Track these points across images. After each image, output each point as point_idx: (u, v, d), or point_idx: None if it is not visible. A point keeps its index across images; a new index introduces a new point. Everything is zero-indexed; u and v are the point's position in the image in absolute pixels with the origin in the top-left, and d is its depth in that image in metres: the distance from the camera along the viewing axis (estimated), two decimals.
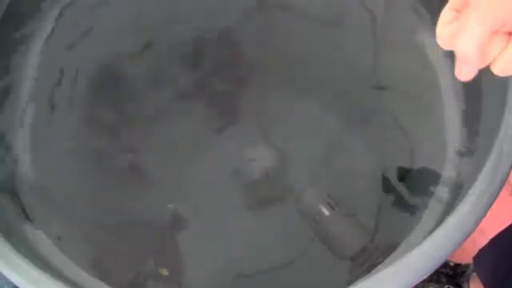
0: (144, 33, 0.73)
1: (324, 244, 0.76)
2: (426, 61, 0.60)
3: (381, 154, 0.76)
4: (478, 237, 0.80)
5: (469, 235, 0.38)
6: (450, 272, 0.91)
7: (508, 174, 0.40)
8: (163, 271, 0.73)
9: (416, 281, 0.37)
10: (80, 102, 0.70)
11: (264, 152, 0.84)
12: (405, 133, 0.68)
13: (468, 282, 0.89)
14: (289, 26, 0.75)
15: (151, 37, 0.74)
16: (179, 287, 0.74)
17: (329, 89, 0.80)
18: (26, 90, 0.60)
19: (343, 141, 0.82)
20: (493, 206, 0.39)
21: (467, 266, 0.89)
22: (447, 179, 0.54)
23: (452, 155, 0.55)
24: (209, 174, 0.82)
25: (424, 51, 0.60)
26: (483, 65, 0.32)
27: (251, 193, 0.82)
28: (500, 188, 0.39)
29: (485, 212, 0.39)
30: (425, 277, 0.37)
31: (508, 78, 0.43)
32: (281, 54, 0.79)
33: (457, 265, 0.90)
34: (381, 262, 0.47)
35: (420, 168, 0.63)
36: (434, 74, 0.59)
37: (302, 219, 0.79)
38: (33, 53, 0.60)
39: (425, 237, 0.40)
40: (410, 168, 0.65)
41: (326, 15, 0.71)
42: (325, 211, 0.77)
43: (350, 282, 0.38)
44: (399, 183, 0.69)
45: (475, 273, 0.78)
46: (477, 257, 0.73)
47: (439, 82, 0.58)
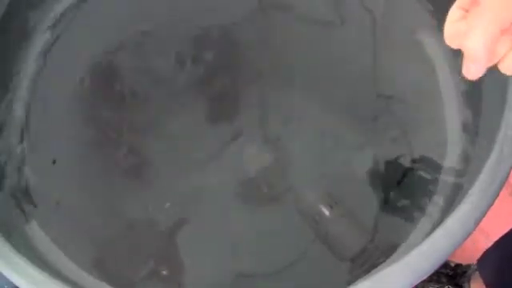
0: (144, 32, 0.73)
1: (324, 244, 0.76)
2: (426, 61, 0.60)
3: (381, 155, 0.76)
4: (479, 237, 0.80)
5: (469, 235, 0.38)
6: (451, 272, 0.91)
7: (508, 174, 0.40)
8: (163, 266, 0.73)
9: (416, 281, 0.37)
10: (80, 102, 0.70)
11: (264, 152, 0.84)
12: (405, 132, 0.68)
13: (469, 283, 0.88)
14: (289, 26, 0.75)
15: (152, 36, 0.74)
16: (179, 287, 0.74)
17: (329, 89, 0.80)
18: (26, 90, 0.60)
19: (343, 141, 0.82)
20: (493, 206, 0.39)
21: (468, 267, 0.89)
22: (447, 179, 0.54)
23: (452, 155, 0.55)
24: (209, 174, 0.82)
25: (424, 51, 0.60)
26: (491, 64, 0.32)
27: (251, 193, 0.82)
28: (500, 188, 0.39)
29: (485, 212, 0.39)
30: (425, 277, 0.37)
31: (508, 78, 0.43)
32: (281, 54, 0.80)
33: (457, 265, 0.90)
34: (381, 263, 0.47)
35: (420, 168, 0.63)
36: (434, 74, 0.59)
37: (302, 219, 0.79)
38: (32, 52, 0.61)
39: (424, 237, 0.40)
40: (410, 168, 0.65)
41: (326, 15, 0.71)
42: (325, 211, 0.77)
43: (350, 282, 0.38)
44: (399, 183, 0.69)
45: (478, 274, 0.78)
46: (481, 259, 0.73)
47: (439, 82, 0.59)
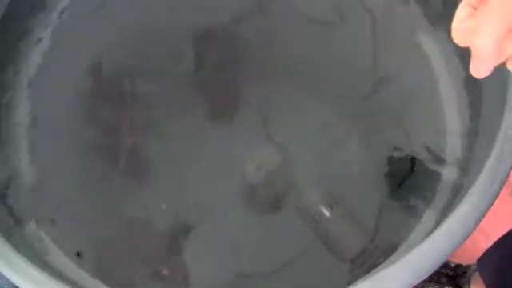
0: (144, 32, 0.73)
1: (324, 244, 0.76)
2: (426, 61, 0.60)
3: (381, 154, 0.76)
4: (479, 237, 0.80)
5: (469, 235, 0.38)
6: (451, 273, 0.90)
7: (508, 174, 0.40)
8: (163, 267, 0.73)
9: (416, 281, 0.37)
10: (80, 102, 0.70)
11: (264, 152, 0.84)
12: (405, 133, 0.68)
13: (469, 284, 0.88)
14: (289, 26, 0.75)
15: (152, 36, 0.74)
16: (179, 287, 0.74)
17: (329, 88, 0.80)
18: (26, 90, 0.60)
19: (343, 141, 0.81)
20: (493, 206, 0.39)
21: (468, 267, 0.89)
22: (447, 179, 0.54)
23: (452, 155, 0.55)
24: (209, 174, 0.82)
25: (424, 51, 0.60)
26: (499, 62, 0.32)
27: (251, 193, 0.82)
28: (500, 188, 0.39)
29: (485, 212, 0.39)
30: (425, 277, 0.37)
31: (508, 78, 0.43)
32: (281, 54, 0.79)
33: (457, 266, 0.90)
34: (381, 263, 0.47)
35: (420, 168, 0.63)
36: (434, 74, 0.59)
37: (302, 219, 0.78)
38: (32, 52, 0.61)
39: (425, 237, 0.40)
40: (410, 168, 0.65)
41: (326, 15, 0.71)
42: (325, 211, 0.76)
43: (350, 282, 0.38)
44: (399, 183, 0.69)
45: (478, 274, 0.78)
46: (481, 259, 0.73)
47: (439, 82, 0.59)
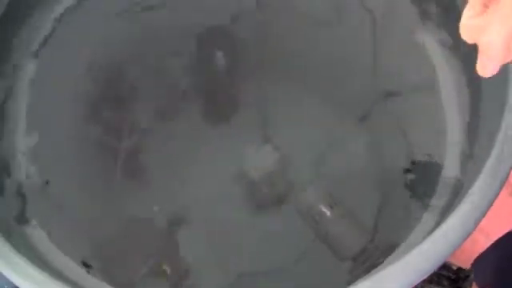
0: (144, 31, 0.73)
1: (324, 244, 0.76)
2: (426, 61, 0.60)
3: (381, 154, 0.76)
4: (479, 237, 0.79)
5: (469, 235, 0.38)
6: (453, 276, 0.90)
7: (508, 174, 0.40)
8: (164, 266, 0.73)
9: (416, 281, 0.36)
10: (80, 102, 0.70)
11: (264, 152, 0.84)
12: (405, 133, 0.68)
13: (471, 287, 0.88)
14: (289, 26, 0.75)
15: (151, 36, 0.74)
16: (179, 287, 0.74)
17: (329, 89, 0.80)
18: (26, 90, 0.60)
19: (343, 141, 0.82)
20: (493, 206, 0.39)
21: (471, 271, 0.88)
22: (447, 179, 0.54)
23: (452, 155, 0.55)
24: (209, 174, 0.82)
25: (424, 51, 0.60)
26: (506, 61, 0.32)
27: (251, 192, 0.82)
28: (500, 188, 0.39)
29: (485, 212, 0.39)
30: (425, 277, 0.37)
31: (508, 78, 0.43)
32: (280, 55, 0.80)
33: (460, 269, 0.90)
34: (381, 262, 0.47)
35: (420, 168, 0.63)
36: (434, 74, 0.59)
37: (302, 219, 0.78)
38: (33, 52, 0.61)
39: (425, 237, 0.40)
40: (410, 168, 0.65)
41: (326, 15, 0.71)
42: (325, 211, 0.76)
43: (350, 282, 0.38)
44: (399, 183, 0.69)
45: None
46: (478, 259, 0.72)
47: (439, 82, 0.58)
